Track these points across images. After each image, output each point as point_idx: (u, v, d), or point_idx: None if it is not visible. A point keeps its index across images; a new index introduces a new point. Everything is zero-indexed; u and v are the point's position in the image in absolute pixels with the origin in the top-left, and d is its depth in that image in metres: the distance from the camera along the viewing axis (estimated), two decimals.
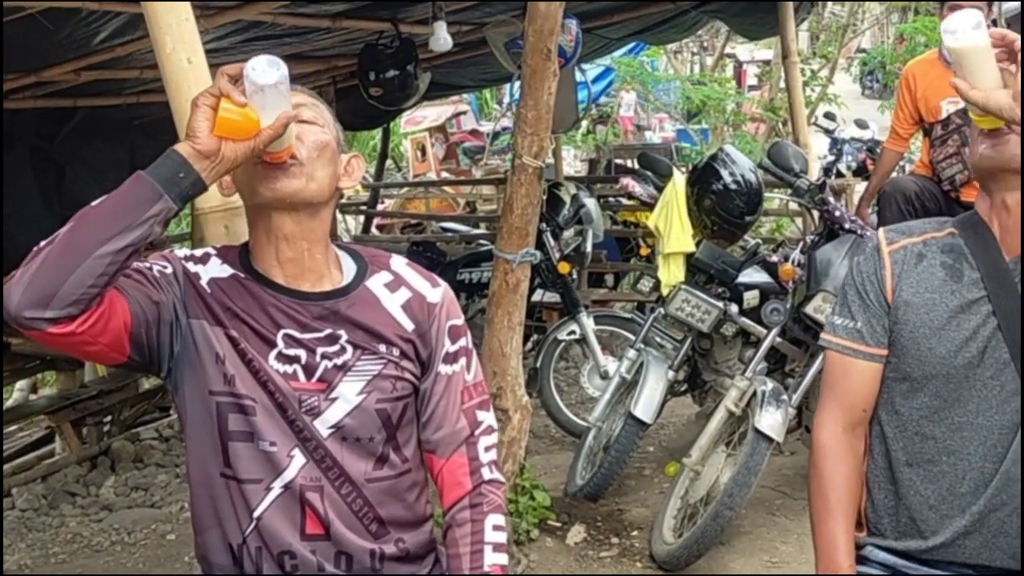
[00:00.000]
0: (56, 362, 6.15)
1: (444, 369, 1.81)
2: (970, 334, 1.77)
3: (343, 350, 1.71)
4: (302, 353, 1.69)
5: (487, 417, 1.87)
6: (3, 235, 5.95)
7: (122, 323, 1.61)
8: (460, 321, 1.85)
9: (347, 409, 1.71)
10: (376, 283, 1.79)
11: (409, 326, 1.77)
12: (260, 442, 1.68)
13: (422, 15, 5.70)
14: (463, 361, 1.84)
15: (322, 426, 1.70)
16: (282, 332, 1.69)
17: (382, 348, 1.74)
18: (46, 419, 6.15)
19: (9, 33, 4.10)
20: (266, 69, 1.53)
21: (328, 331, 1.71)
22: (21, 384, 6.97)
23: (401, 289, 1.80)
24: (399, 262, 1.85)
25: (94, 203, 1.55)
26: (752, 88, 16.44)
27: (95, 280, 1.50)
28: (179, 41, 2.29)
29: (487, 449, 1.85)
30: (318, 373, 1.70)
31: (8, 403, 7.18)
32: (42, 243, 1.52)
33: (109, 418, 6.35)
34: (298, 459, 1.69)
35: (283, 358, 1.69)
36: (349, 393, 1.71)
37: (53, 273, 1.48)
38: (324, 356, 1.70)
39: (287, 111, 1.58)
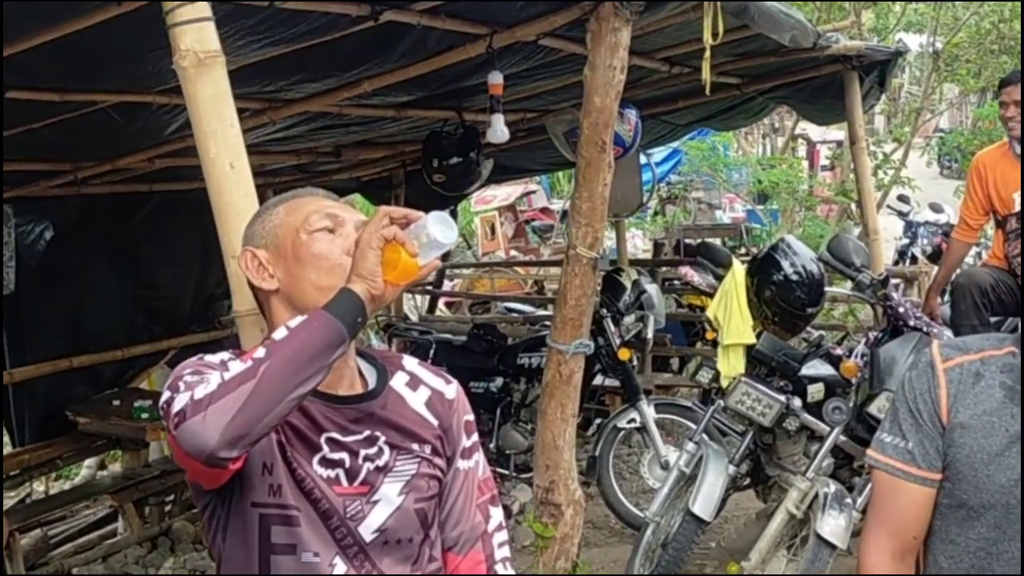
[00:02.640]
0: (122, 441, 6.25)
1: (462, 464, 1.84)
2: None
3: (381, 451, 1.72)
4: (345, 456, 1.69)
5: (497, 512, 1.91)
6: (79, 318, 6.14)
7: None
8: (471, 416, 1.89)
9: (390, 511, 1.70)
10: (398, 383, 1.81)
11: (435, 422, 1.80)
12: (303, 553, 1.65)
13: (485, 104, 5.78)
14: (477, 456, 1.87)
15: (366, 531, 1.68)
16: (325, 435, 1.69)
17: (416, 447, 1.75)
18: (110, 498, 6.23)
19: (85, 124, 4.26)
20: (447, 231, 1.61)
21: (367, 433, 1.72)
22: (89, 462, 7.09)
23: (421, 387, 1.82)
24: (411, 362, 1.88)
25: (280, 337, 1.54)
26: (824, 169, 16.31)
27: (279, 421, 1.52)
28: (223, 146, 2.34)
29: (500, 545, 1.89)
30: (361, 476, 1.69)
31: (76, 481, 7.32)
32: (226, 376, 1.49)
33: (171, 498, 6.41)
34: (339, 568, 1.67)
35: (326, 463, 1.68)
36: (391, 495, 1.71)
37: (253, 412, 1.47)
38: (366, 458, 1.70)
39: (436, 261, 1.64)
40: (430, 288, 10.13)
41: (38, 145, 4.59)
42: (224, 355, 1.68)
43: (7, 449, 6.37)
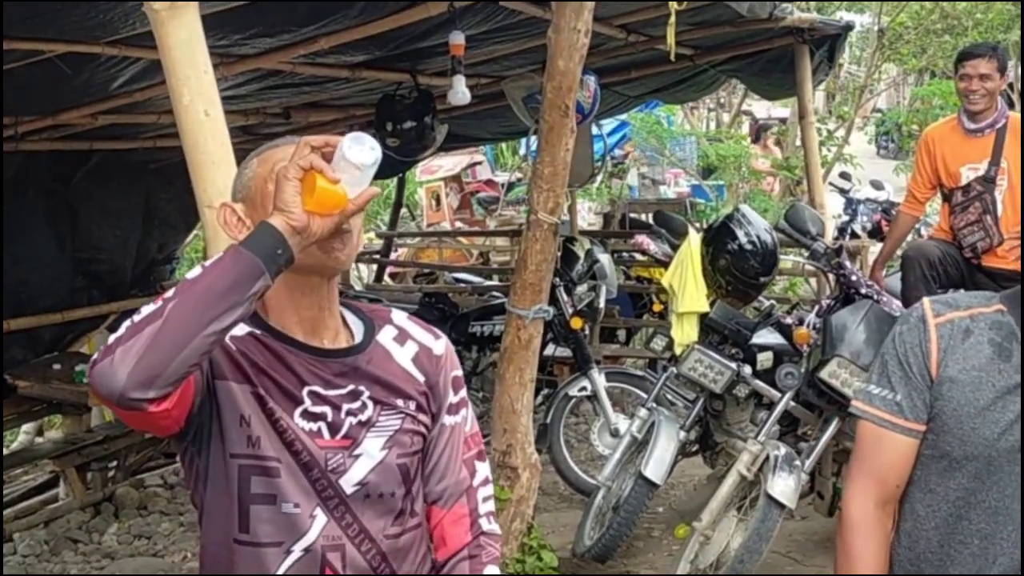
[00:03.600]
0: (63, 406, 6.12)
1: (448, 420, 1.83)
2: (1015, 417, 1.70)
3: (365, 406, 1.70)
4: (327, 410, 1.67)
5: (484, 468, 1.90)
6: (15, 278, 5.96)
7: (190, 395, 1.58)
8: (460, 372, 1.88)
9: (371, 465, 1.69)
10: (386, 338, 1.79)
11: (421, 378, 1.78)
12: (283, 504, 1.64)
13: (441, 67, 5.73)
14: (464, 412, 1.86)
15: (347, 484, 1.67)
16: (307, 389, 1.67)
17: (400, 403, 1.74)
18: (51, 463, 6.10)
19: (27, 76, 4.13)
20: (364, 150, 1.53)
21: (351, 387, 1.70)
22: (27, 427, 6.94)
23: (408, 343, 1.80)
24: (400, 316, 1.85)
25: (193, 276, 1.50)
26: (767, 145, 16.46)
27: (198, 359, 1.48)
28: (197, 93, 2.29)
29: (485, 500, 1.88)
30: (343, 430, 1.68)
31: (13, 446, 7.16)
32: (135, 317, 1.47)
33: (114, 464, 6.30)
34: (320, 519, 1.66)
35: (308, 416, 1.66)
36: (373, 449, 1.70)
37: (162, 352, 1.44)
38: (348, 413, 1.69)
39: (372, 189, 1.58)
40: (377, 257, 10.06)
41: None
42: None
43: None
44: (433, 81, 6.01)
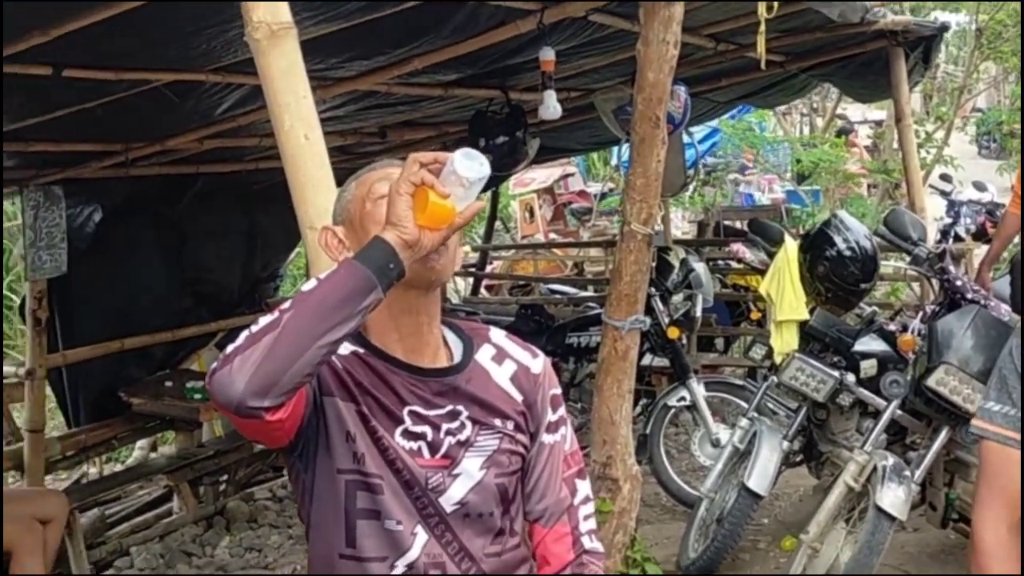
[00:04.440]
0: (175, 421, 6.31)
1: (547, 438, 1.83)
2: None
3: (464, 426, 1.72)
4: (427, 430, 1.70)
5: (584, 486, 1.89)
6: (127, 299, 6.19)
7: (301, 408, 1.62)
8: (559, 390, 1.88)
9: (470, 485, 1.71)
10: (484, 357, 1.80)
11: (519, 398, 1.79)
12: (387, 521, 1.67)
13: (531, 82, 5.77)
14: (563, 430, 1.86)
15: (446, 503, 1.69)
16: (408, 408, 1.70)
17: (498, 423, 1.75)
18: (164, 478, 6.30)
19: (135, 104, 4.29)
20: (474, 166, 1.56)
21: (450, 407, 1.72)
22: (142, 443, 7.16)
23: (506, 362, 1.81)
24: (498, 334, 1.86)
25: (308, 288, 1.54)
26: (866, 150, 16.12)
27: (312, 369, 1.51)
28: (297, 118, 2.35)
29: (586, 518, 1.87)
30: (442, 450, 1.70)
31: (129, 462, 7.41)
32: (253, 328, 1.52)
33: (225, 478, 6.47)
34: (421, 537, 1.68)
35: (409, 435, 1.69)
36: (472, 469, 1.71)
37: (278, 361, 1.47)
38: (448, 432, 1.71)
39: (478, 202, 1.61)
40: (473, 270, 10.16)
41: (90, 125, 4.62)
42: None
43: (61, 431, 6.45)
44: (524, 96, 6.05)
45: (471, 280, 10.13)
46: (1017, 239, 6.17)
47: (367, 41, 4.32)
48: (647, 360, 6.10)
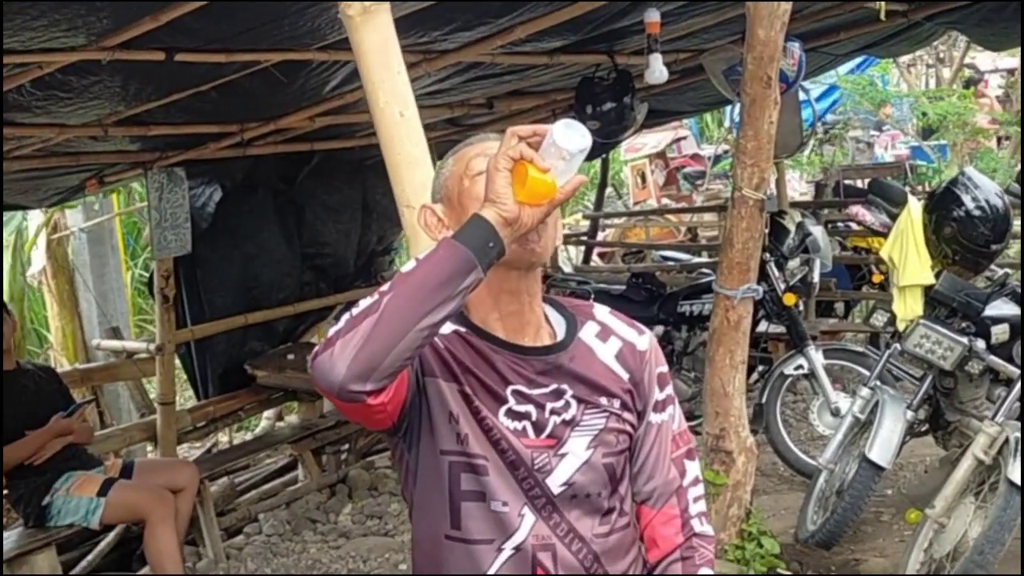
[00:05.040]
0: (297, 393, 6.48)
1: (655, 418, 1.79)
2: None
3: (568, 405, 1.69)
4: (532, 409, 1.67)
5: (694, 467, 1.84)
6: (250, 275, 6.35)
7: (404, 390, 1.61)
8: (666, 368, 1.84)
9: (577, 465, 1.68)
10: (588, 334, 1.76)
11: (625, 376, 1.75)
12: (492, 502, 1.65)
13: (638, 46, 5.65)
14: (671, 409, 1.82)
15: (553, 484, 1.67)
16: (511, 388, 1.67)
17: (604, 401, 1.72)
18: (289, 448, 6.48)
19: (248, 87, 4.38)
20: (575, 137, 1.51)
21: (553, 386, 1.69)
22: (268, 413, 7.38)
23: (611, 339, 1.77)
24: (603, 311, 1.82)
25: (408, 269, 1.51)
26: (997, 100, 15.36)
27: (413, 352, 1.50)
28: (391, 95, 2.34)
29: (696, 500, 1.82)
30: (548, 429, 1.67)
31: (256, 431, 7.65)
32: (354, 311, 1.51)
33: (346, 447, 6.61)
34: (528, 518, 1.66)
35: (513, 415, 1.67)
36: (578, 449, 1.68)
37: (378, 345, 1.46)
38: (552, 412, 1.68)
39: (580, 177, 1.56)
40: (584, 239, 10.10)
41: (206, 108, 4.73)
42: None
43: (191, 402, 6.69)
44: (631, 60, 5.94)
45: (583, 248, 10.06)
46: None
47: (468, 12, 4.29)
48: (763, 327, 5.97)
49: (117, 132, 4.67)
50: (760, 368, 6.07)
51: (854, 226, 7.90)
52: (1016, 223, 4.59)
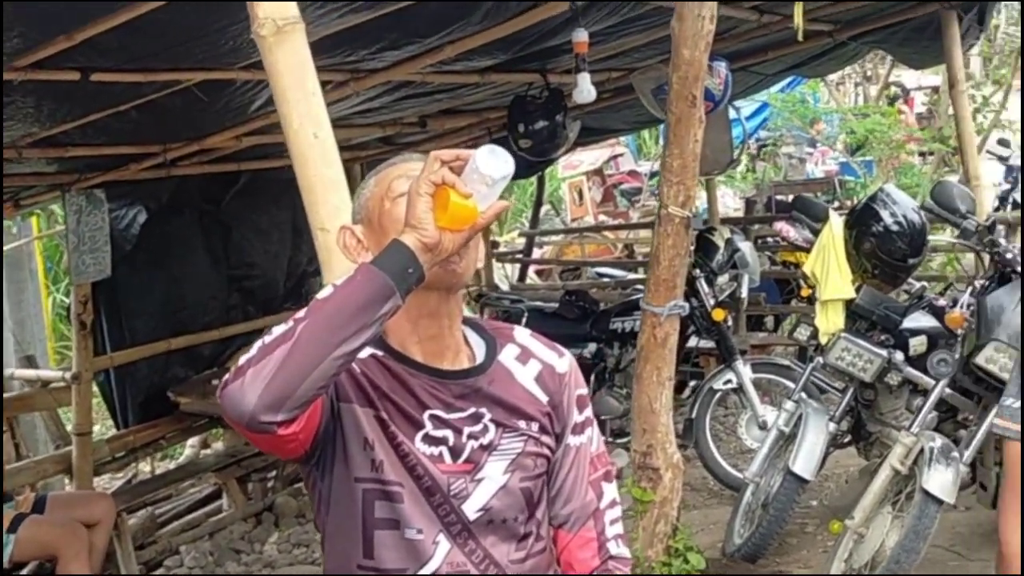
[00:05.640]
0: (223, 420, 6.36)
1: (573, 440, 1.77)
2: None
3: (486, 429, 1.67)
4: (449, 434, 1.65)
5: (611, 489, 1.83)
6: (174, 298, 6.26)
7: (317, 418, 1.57)
8: (585, 390, 1.82)
9: (494, 490, 1.66)
10: (507, 357, 1.75)
11: (544, 399, 1.74)
12: (406, 530, 1.62)
13: (570, 64, 5.68)
14: (589, 431, 1.80)
15: (469, 510, 1.64)
16: (428, 413, 1.65)
17: (522, 424, 1.70)
18: (214, 476, 6.37)
19: (170, 106, 4.32)
20: (498, 163, 1.49)
21: (472, 410, 1.67)
22: (192, 441, 7.24)
23: (531, 361, 1.76)
24: (523, 333, 1.81)
25: (324, 296, 1.47)
26: (921, 117, 15.75)
27: (327, 381, 1.46)
28: (305, 116, 2.32)
29: (613, 522, 1.81)
30: (465, 454, 1.65)
31: (180, 460, 7.50)
32: (266, 338, 1.46)
33: (273, 474, 6.51)
34: (443, 546, 1.63)
35: (430, 440, 1.64)
36: (495, 473, 1.66)
37: (291, 374, 1.42)
38: (470, 436, 1.66)
39: (502, 202, 1.54)
40: (520, 256, 10.12)
41: (127, 128, 4.66)
42: None
43: (111, 432, 6.54)
44: (563, 79, 5.98)
45: (519, 266, 10.09)
46: None
47: (396, 31, 4.29)
48: (693, 342, 6.04)
49: (32, 154, 4.58)
50: (692, 383, 6.13)
51: (783, 241, 8.04)
52: (934, 237, 4.67)
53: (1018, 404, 1.65)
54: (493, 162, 1.49)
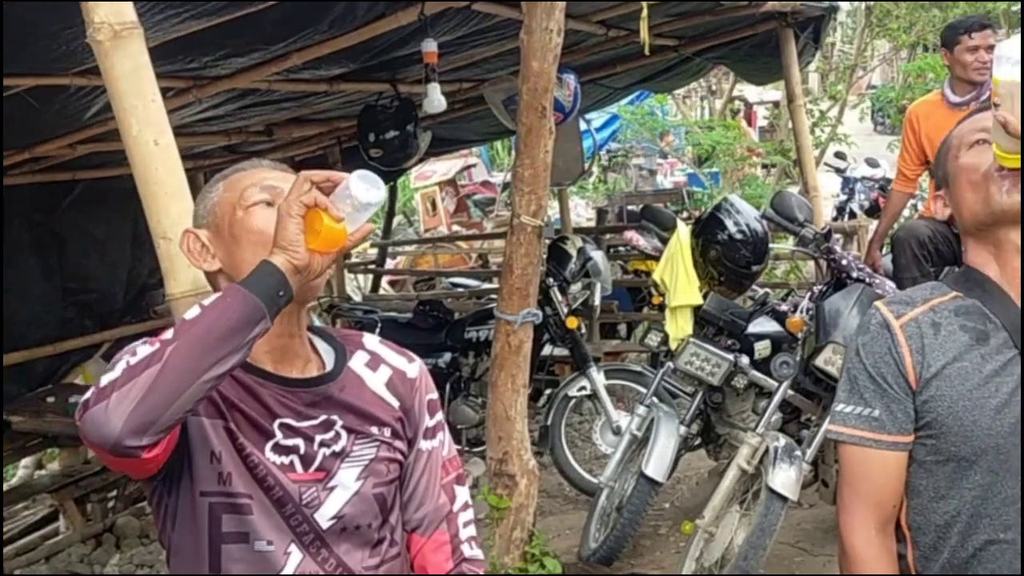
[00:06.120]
0: (59, 438, 6.08)
1: (425, 445, 1.78)
2: (1008, 397, 1.61)
3: (338, 436, 1.65)
4: (300, 442, 1.62)
5: (463, 492, 1.84)
6: (4, 313, 5.91)
7: (175, 439, 1.54)
8: (436, 395, 1.83)
9: (347, 497, 1.64)
10: (358, 364, 1.74)
11: (395, 404, 1.73)
12: (256, 542, 1.59)
13: (420, 75, 5.68)
14: (441, 435, 1.81)
15: (322, 518, 1.62)
16: (278, 421, 1.62)
17: (374, 430, 1.69)
18: (50, 497, 6.07)
19: None
20: (371, 189, 1.51)
21: (323, 417, 1.65)
22: (26, 461, 6.89)
23: (381, 367, 1.75)
24: (372, 340, 1.80)
25: (192, 316, 1.44)
26: (764, 130, 16.40)
27: (194, 404, 1.43)
28: (145, 123, 2.24)
29: (466, 525, 1.82)
30: (316, 462, 1.63)
31: (13, 481, 7.10)
32: (131, 360, 1.42)
33: (114, 493, 6.25)
34: (295, 556, 1.61)
35: (280, 449, 1.61)
36: (348, 480, 1.65)
37: (159, 398, 1.39)
38: (322, 444, 1.64)
39: (369, 225, 1.55)
40: (372, 267, 10.03)
41: None
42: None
43: None
44: (414, 89, 5.96)
45: (372, 276, 10.00)
46: (905, 215, 6.29)
47: (241, 38, 4.18)
48: (548, 350, 6.10)
49: None
50: (547, 391, 6.18)
51: (634, 250, 8.22)
52: (775, 245, 4.84)
53: (848, 408, 1.71)
54: (366, 188, 1.50)
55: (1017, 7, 10.86)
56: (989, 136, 1.66)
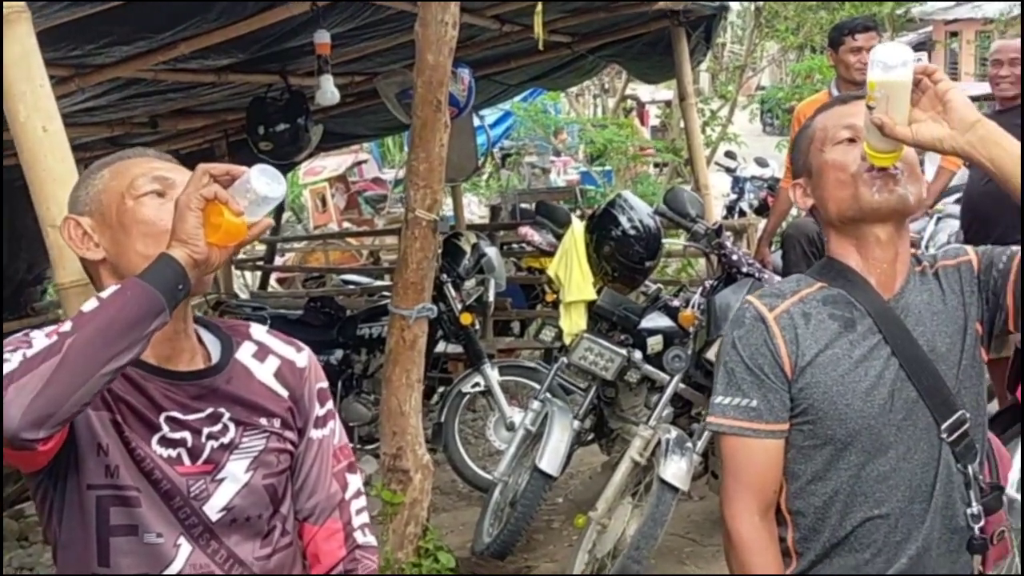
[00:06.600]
0: None
1: (315, 434, 1.78)
2: (876, 379, 1.72)
3: (226, 428, 1.65)
4: (187, 435, 1.62)
5: (356, 480, 1.85)
6: None
7: (67, 432, 1.51)
8: (326, 384, 1.83)
9: (236, 489, 1.64)
10: (244, 355, 1.73)
11: (284, 394, 1.73)
12: (146, 535, 1.58)
13: (311, 67, 5.59)
14: (332, 424, 1.81)
15: (211, 510, 1.62)
16: (164, 415, 1.61)
17: (263, 421, 1.69)
18: None
19: None
20: (272, 184, 1.52)
21: (210, 410, 1.65)
22: None
23: (269, 358, 1.75)
24: (259, 331, 1.80)
25: (90, 309, 1.42)
26: (656, 129, 16.67)
27: (91, 398, 1.41)
28: (33, 109, 2.19)
29: (359, 512, 1.83)
30: (204, 455, 1.62)
31: None
32: (28, 352, 1.39)
33: None
34: (184, 548, 1.60)
35: (166, 442, 1.60)
36: (237, 472, 1.64)
37: (58, 390, 1.37)
38: (209, 436, 1.63)
39: (267, 220, 1.56)
40: (261, 264, 9.84)
41: None
42: (45, 329, 1.55)
43: None
44: (305, 81, 5.86)
45: (260, 273, 9.81)
46: (793, 212, 6.47)
47: (126, 25, 4.05)
48: (442, 347, 6.07)
49: None
50: (442, 388, 6.16)
51: (528, 247, 8.26)
52: (668, 241, 4.92)
53: (727, 400, 1.77)
54: (267, 182, 1.51)
55: (901, 10, 11.27)
56: (856, 134, 1.73)
